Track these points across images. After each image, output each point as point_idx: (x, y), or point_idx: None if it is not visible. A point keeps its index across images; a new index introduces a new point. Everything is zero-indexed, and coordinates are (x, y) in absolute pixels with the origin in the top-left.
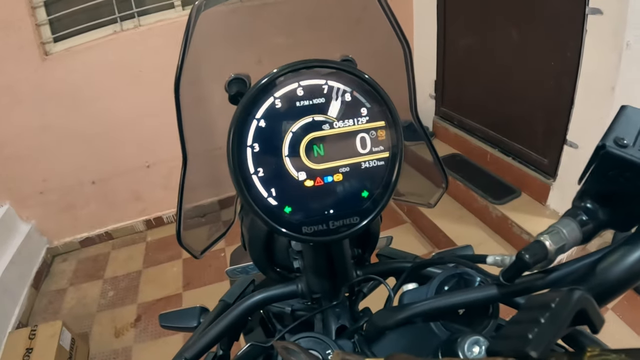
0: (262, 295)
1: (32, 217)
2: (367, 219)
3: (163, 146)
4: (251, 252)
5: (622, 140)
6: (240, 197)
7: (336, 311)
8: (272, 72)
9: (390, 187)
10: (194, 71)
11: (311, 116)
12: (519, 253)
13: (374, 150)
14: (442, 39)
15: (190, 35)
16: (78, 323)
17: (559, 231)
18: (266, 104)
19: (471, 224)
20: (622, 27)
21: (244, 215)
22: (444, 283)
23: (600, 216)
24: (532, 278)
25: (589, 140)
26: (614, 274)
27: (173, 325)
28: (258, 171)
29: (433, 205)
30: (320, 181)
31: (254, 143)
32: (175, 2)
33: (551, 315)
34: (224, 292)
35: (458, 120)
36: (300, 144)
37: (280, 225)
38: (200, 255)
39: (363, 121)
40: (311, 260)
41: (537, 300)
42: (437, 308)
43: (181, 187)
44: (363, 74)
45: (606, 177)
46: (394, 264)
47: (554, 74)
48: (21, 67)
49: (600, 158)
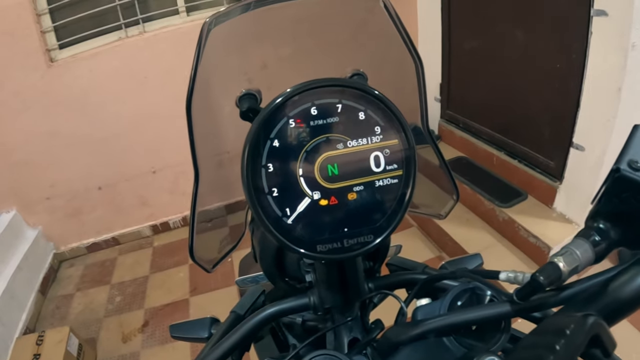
0: (274, 309)
1: (39, 222)
2: (381, 236)
3: (169, 151)
4: (262, 264)
5: (636, 163)
6: (255, 217)
7: (349, 324)
8: (286, 92)
9: (404, 205)
10: (203, 85)
11: (325, 135)
12: (533, 275)
13: (387, 169)
14: (447, 42)
15: (201, 52)
16: (85, 328)
17: (573, 252)
18: (280, 123)
19: (478, 227)
20: (627, 28)
21: (254, 228)
22: (456, 298)
23: (612, 236)
24: (545, 296)
25: (595, 142)
26: (625, 294)
27: (184, 336)
28: (272, 191)
29: (444, 216)
30: (334, 200)
31: (268, 163)
32: (180, 9)
33: (566, 342)
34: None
35: (464, 123)
36: (314, 163)
37: (295, 244)
38: (211, 270)
39: (377, 140)
40: (324, 275)
41: (551, 325)
42: (451, 324)
43: (193, 204)
44: (378, 93)
45: (619, 199)
46: (405, 276)
47: (559, 76)
48: (27, 73)
49: (615, 180)
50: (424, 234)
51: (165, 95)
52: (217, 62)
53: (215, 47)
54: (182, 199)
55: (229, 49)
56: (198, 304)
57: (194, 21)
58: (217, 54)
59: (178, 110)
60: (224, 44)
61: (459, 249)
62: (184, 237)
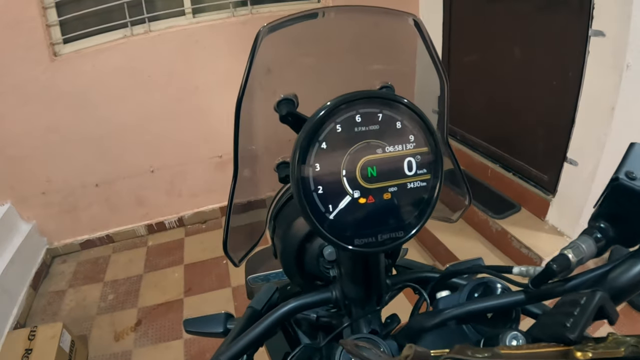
0: (297, 303)
1: (34, 217)
2: (410, 232)
3: (168, 152)
4: (283, 260)
5: (632, 174)
6: (302, 212)
7: (368, 318)
8: (336, 99)
9: (431, 205)
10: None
11: (367, 141)
12: (547, 263)
13: (418, 173)
14: (447, 56)
15: (254, 58)
16: (77, 325)
17: (579, 246)
18: (328, 128)
19: (472, 237)
20: (623, 49)
21: (276, 225)
22: (473, 290)
23: (611, 234)
24: (554, 285)
25: (588, 158)
26: (622, 281)
27: (199, 331)
28: (318, 189)
29: (455, 220)
30: (372, 199)
31: (315, 163)
32: (187, 10)
33: (581, 308)
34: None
35: (460, 136)
36: (356, 165)
37: (335, 238)
38: (239, 264)
39: (410, 147)
40: (350, 269)
41: (566, 299)
42: (471, 312)
43: (230, 200)
44: (416, 107)
45: (617, 203)
46: (419, 274)
47: (555, 93)
48: (30, 67)
49: (614, 188)
50: (418, 243)
51: (167, 95)
52: (257, 67)
53: (260, 54)
54: (179, 200)
55: (270, 57)
56: (192, 305)
57: (200, 23)
58: (259, 61)
59: (180, 111)
60: (267, 52)
61: (452, 258)
62: (179, 237)
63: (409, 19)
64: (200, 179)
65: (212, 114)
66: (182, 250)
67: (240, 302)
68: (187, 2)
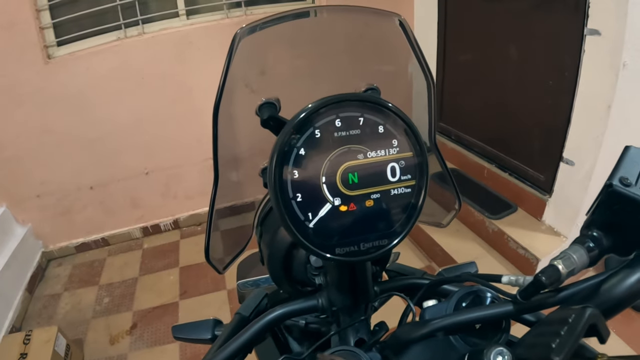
0: (283, 310)
1: (29, 220)
2: (395, 241)
3: (162, 154)
4: (269, 267)
5: (626, 179)
6: (280, 220)
7: (355, 325)
8: (314, 103)
9: (416, 212)
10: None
11: (347, 146)
12: (536, 275)
13: (402, 179)
14: (442, 56)
15: (232, 60)
16: (72, 329)
17: (570, 256)
18: (307, 133)
19: (468, 238)
20: (619, 47)
21: (263, 231)
22: (461, 300)
23: (604, 243)
24: (545, 296)
25: (584, 157)
26: (616, 293)
27: (187, 337)
28: (297, 196)
29: (445, 225)
30: (353, 206)
31: (294, 170)
32: (180, 11)
33: (569, 328)
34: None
35: (456, 136)
36: (336, 171)
37: (315, 247)
38: (223, 271)
39: (393, 152)
40: (335, 278)
41: (555, 316)
42: (458, 323)
43: (211, 206)
44: (399, 111)
45: (611, 210)
46: (408, 281)
47: (551, 92)
48: (23, 69)
49: (608, 194)
50: (414, 243)
51: (161, 97)
52: (238, 70)
53: (239, 56)
54: (174, 202)
55: (251, 59)
56: (188, 308)
57: (194, 24)
58: (239, 63)
59: (173, 113)
60: (248, 54)
61: (449, 259)
62: (174, 240)
63: (394, 19)
64: (195, 181)
65: (206, 116)
66: (178, 252)
67: (235, 305)
68: (181, 4)
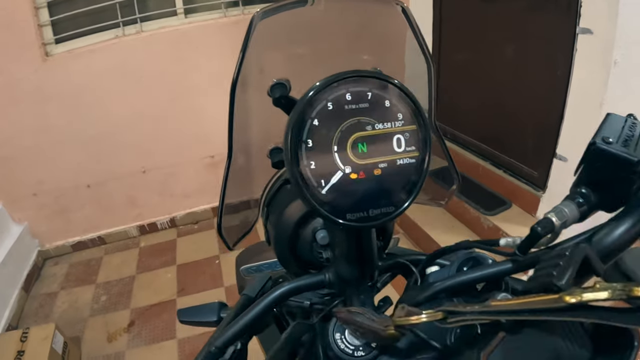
0: (290, 286)
1: (25, 218)
2: (401, 208)
3: (160, 152)
4: (276, 247)
5: (607, 138)
6: (294, 187)
7: (361, 298)
8: (328, 78)
9: (420, 181)
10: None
11: (357, 118)
12: (532, 227)
13: (407, 150)
14: (437, 54)
15: (248, 42)
16: (70, 327)
17: (562, 210)
18: (320, 105)
19: (463, 234)
20: (610, 46)
21: (269, 212)
22: (462, 264)
23: (592, 199)
24: (540, 253)
25: (577, 154)
26: (606, 243)
27: (193, 320)
28: (310, 164)
29: (444, 204)
30: (362, 174)
31: (308, 139)
32: (178, 10)
33: (567, 258)
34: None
35: (451, 134)
36: (347, 141)
37: (328, 212)
38: (233, 247)
39: (399, 124)
40: (344, 247)
41: (553, 253)
42: (460, 283)
43: (225, 180)
44: (404, 86)
45: (595, 168)
46: (411, 257)
47: (544, 90)
48: (21, 66)
49: (591, 152)
50: (410, 240)
51: (159, 96)
52: (252, 53)
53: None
54: (171, 200)
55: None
56: (185, 305)
57: (192, 23)
58: (253, 46)
59: (171, 111)
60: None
61: None
62: (171, 238)
63: (397, 7)
64: (193, 180)
65: (204, 115)
66: (175, 250)
67: (233, 302)
68: (179, 3)
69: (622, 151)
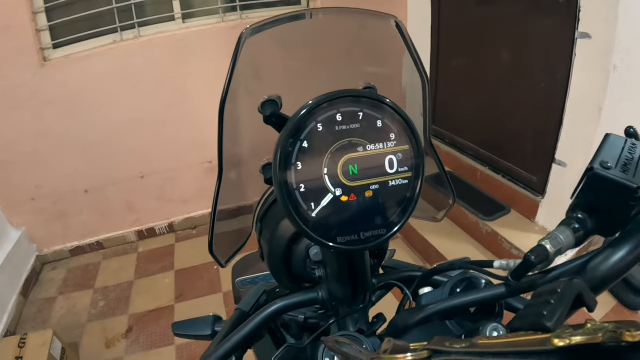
0: (283, 303)
1: (23, 223)
2: (393, 230)
3: (158, 157)
4: (270, 262)
5: (606, 163)
6: (284, 210)
7: (354, 316)
8: (318, 98)
9: (413, 203)
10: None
11: (348, 139)
12: (526, 255)
13: (399, 171)
14: (435, 59)
15: (237, 59)
16: (68, 333)
17: (557, 237)
18: (310, 127)
19: (462, 240)
20: (609, 51)
21: (263, 227)
22: (455, 286)
23: (589, 224)
24: (535, 277)
25: (576, 159)
26: (601, 271)
27: (187, 334)
28: (300, 187)
29: (440, 220)
30: (353, 197)
31: (298, 161)
32: (176, 15)
33: (559, 297)
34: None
35: (449, 139)
36: (338, 163)
37: (318, 235)
38: (225, 265)
39: (391, 145)
40: (335, 268)
41: (545, 290)
42: (453, 306)
43: (215, 200)
44: (396, 106)
45: (593, 193)
46: (406, 273)
47: (544, 95)
48: (19, 71)
49: (589, 178)
50: (408, 245)
51: (157, 101)
52: (242, 69)
53: (243, 56)
54: (169, 206)
55: (255, 59)
56: (184, 311)
57: (190, 28)
58: (243, 62)
59: (169, 117)
60: (251, 54)
61: (443, 260)
62: (169, 243)
63: (390, 21)
64: (191, 185)
65: (202, 120)
66: (173, 256)
67: (231, 308)
68: (177, 8)
69: (621, 177)
